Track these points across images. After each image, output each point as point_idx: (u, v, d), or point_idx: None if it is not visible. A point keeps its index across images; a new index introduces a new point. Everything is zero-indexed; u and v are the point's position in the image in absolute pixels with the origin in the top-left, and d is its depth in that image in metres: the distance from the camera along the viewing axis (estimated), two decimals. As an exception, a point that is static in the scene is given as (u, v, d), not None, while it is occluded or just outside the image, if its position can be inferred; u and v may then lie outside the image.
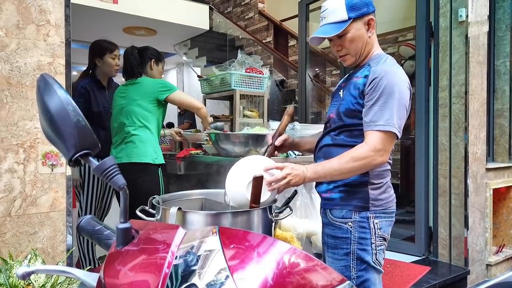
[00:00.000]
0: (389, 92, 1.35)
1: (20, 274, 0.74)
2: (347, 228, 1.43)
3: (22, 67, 1.66)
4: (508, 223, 3.55)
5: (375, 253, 1.42)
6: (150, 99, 2.42)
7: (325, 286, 0.65)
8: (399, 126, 1.35)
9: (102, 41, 2.78)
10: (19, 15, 1.65)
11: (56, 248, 1.74)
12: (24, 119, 1.67)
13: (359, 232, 1.42)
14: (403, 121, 1.38)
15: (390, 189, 1.49)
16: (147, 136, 2.42)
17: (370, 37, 1.48)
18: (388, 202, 1.47)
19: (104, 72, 2.77)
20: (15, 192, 1.65)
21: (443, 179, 3.05)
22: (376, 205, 1.43)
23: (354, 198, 1.44)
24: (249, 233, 0.72)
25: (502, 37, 3.64)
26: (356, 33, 1.45)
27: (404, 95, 1.38)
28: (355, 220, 1.42)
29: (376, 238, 1.42)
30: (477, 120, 3.06)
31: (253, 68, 3.27)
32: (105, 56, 2.71)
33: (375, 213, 1.43)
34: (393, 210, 1.49)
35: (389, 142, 1.35)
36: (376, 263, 1.43)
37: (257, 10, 7.30)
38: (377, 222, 1.42)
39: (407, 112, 1.39)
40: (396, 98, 1.35)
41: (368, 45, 1.49)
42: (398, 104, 1.35)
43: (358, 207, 1.43)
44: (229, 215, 1.29)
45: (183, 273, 0.65)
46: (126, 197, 0.76)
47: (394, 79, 1.37)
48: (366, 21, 1.46)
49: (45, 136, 0.79)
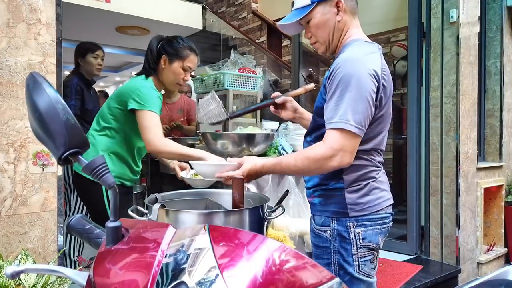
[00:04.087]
0: (345, 84, 1.19)
1: (9, 273, 0.73)
2: (326, 237, 1.32)
3: (13, 66, 1.65)
4: (498, 222, 3.59)
5: (357, 264, 1.29)
6: (118, 100, 1.91)
7: (315, 283, 0.65)
8: (357, 122, 1.17)
9: (85, 42, 3.01)
10: (9, 14, 1.64)
11: (47, 248, 1.73)
12: (14, 118, 1.65)
13: (338, 242, 1.29)
14: (365, 115, 1.19)
15: (377, 190, 1.31)
16: (99, 144, 1.94)
17: (339, 22, 1.33)
18: (374, 205, 1.30)
19: (86, 71, 2.95)
20: (5, 192, 1.63)
21: (435, 178, 3.08)
22: (356, 209, 1.28)
23: (331, 203, 1.31)
24: (239, 231, 0.72)
25: (493, 38, 3.68)
26: (322, 18, 1.33)
27: (365, 85, 1.19)
28: (334, 228, 1.30)
29: (358, 250, 1.28)
30: (468, 120, 3.09)
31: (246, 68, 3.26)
32: (86, 56, 2.91)
33: (356, 221, 1.28)
34: (383, 215, 1.32)
35: (347, 140, 1.17)
36: (361, 274, 1.30)
37: (251, 10, 7.31)
38: (359, 232, 1.28)
39: (371, 104, 1.20)
40: (353, 91, 1.18)
41: (338, 30, 1.35)
42: (356, 97, 1.18)
43: (336, 213, 1.30)
44: (221, 215, 1.29)
45: (173, 271, 0.65)
46: (115, 196, 0.76)
47: (352, 68, 1.21)
48: (334, 4, 1.32)
49: (34, 135, 0.78)
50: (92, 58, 2.92)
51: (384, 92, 1.26)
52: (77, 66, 2.94)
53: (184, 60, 1.90)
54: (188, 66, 1.91)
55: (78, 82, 2.83)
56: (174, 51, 1.90)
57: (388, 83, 1.29)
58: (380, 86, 1.23)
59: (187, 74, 1.92)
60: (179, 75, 1.91)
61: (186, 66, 1.90)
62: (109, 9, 5.30)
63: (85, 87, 2.88)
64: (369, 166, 1.31)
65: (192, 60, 1.92)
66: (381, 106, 1.27)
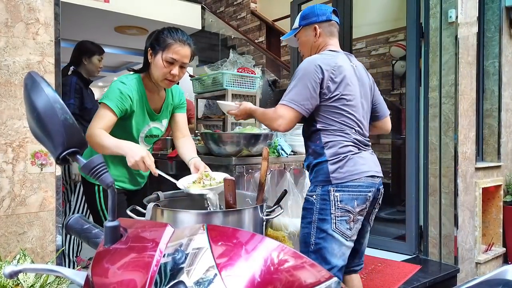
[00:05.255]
0: (296, 75, 1.66)
1: (7, 273, 0.73)
2: (312, 200, 1.66)
3: (11, 66, 1.64)
4: (497, 221, 3.59)
5: (334, 222, 1.59)
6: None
7: (313, 283, 0.65)
8: (293, 100, 1.61)
9: (90, 43, 2.99)
10: (8, 13, 1.64)
11: (46, 248, 1.73)
12: (12, 118, 1.65)
13: (320, 203, 1.62)
14: (303, 96, 1.60)
15: (351, 162, 1.63)
16: None
17: (315, 42, 1.80)
18: (352, 175, 1.61)
19: (88, 71, 2.94)
20: (3, 192, 1.63)
21: (433, 178, 3.08)
22: (337, 178, 1.61)
23: (319, 175, 1.66)
24: (237, 231, 0.72)
25: (491, 38, 3.69)
26: (304, 38, 1.83)
27: (308, 74, 1.62)
28: (318, 193, 1.64)
29: (336, 210, 1.59)
30: (467, 120, 3.09)
31: (245, 68, 3.27)
32: (93, 57, 2.91)
33: (336, 187, 1.60)
34: (360, 184, 1.62)
35: (285, 111, 1.61)
36: (337, 232, 1.59)
37: (250, 10, 7.31)
38: (338, 195, 1.60)
39: (310, 89, 1.60)
40: (298, 79, 1.63)
41: (314, 48, 1.81)
42: (299, 83, 1.62)
43: (321, 182, 1.64)
44: (220, 214, 1.29)
45: (171, 270, 0.65)
46: (114, 195, 0.76)
47: (303, 64, 1.66)
48: (313, 29, 1.79)
49: (33, 134, 0.78)
50: (97, 60, 2.94)
51: (332, 82, 1.64)
52: (77, 64, 2.93)
53: (165, 50, 1.62)
54: (171, 57, 1.62)
55: (77, 81, 2.82)
56: (156, 42, 1.66)
57: (338, 77, 1.64)
58: (325, 78, 1.62)
59: (173, 68, 1.64)
60: (162, 68, 1.64)
61: (169, 57, 1.62)
62: (107, 9, 5.29)
63: (83, 86, 2.88)
64: (345, 141, 1.65)
65: (176, 51, 1.63)
66: (331, 92, 1.64)
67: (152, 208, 1.30)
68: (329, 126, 1.66)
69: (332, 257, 1.59)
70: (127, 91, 1.65)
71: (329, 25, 1.79)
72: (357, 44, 5.13)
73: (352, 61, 1.79)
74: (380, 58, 5.03)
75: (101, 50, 2.99)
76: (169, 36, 1.65)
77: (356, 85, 1.72)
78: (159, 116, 1.83)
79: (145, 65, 1.73)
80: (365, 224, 1.76)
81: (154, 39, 1.68)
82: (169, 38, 1.64)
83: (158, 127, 1.85)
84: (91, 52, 2.91)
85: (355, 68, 1.76)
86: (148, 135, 1.82)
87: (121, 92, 1.64)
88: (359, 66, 1.81)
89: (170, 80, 1.68)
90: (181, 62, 1.66)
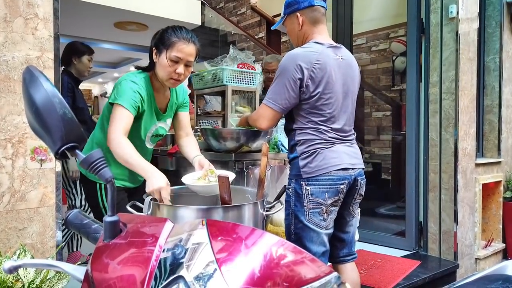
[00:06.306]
0: (277, 72, 1.68)
1: (7, 268, 0.73)
2: (289, 193, 1.73)
3: (10, 61, 1.64)
4: (496, 217, 3.60)
5: (307, 214, 1.67)
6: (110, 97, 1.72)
7: (313, 278, 0.65)
8: (272, 99, 1.68)
9: (79, 43, 3.07)
10: (6, 8, 1.63)
11: (46, 243, 1.73)
12: (12, 113, 1.65)
13: (295, 196, 1.70)
14: (282, 95, 1.65)
15: (320, 156, 1.67)
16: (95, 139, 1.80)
17: (300, 30, 1.76)
18: (321, 169, 1.66)
19: (78, 71, 2.98)
20: (3, 188, 1.63)
21: (433, 174, 3.08)
22: (307, 172, 1.67)
23: (293, 169, 1.74)
24: (237, 226, 0.72)
25: (492, 34, 3.68)
26: (290, 26, 1.81)
27: (286, 72, 1.64)
28: (293, 187, 1.71)
29: (308, 202, 1.66)
30: (467, 116, 3.09)
31: (245, 64, 3.25)
32: (83, 57, 2.97)
33: (307, 180, 1.67)
34: (330, 177, 1.66)
35: (265, 111, 1.71)
36: (311, 223, 1.67)
37: (249, 6, 7.28)
38: (308, 189, 1.66)
39: (288, 89, 1.64)
40: (278, 77, 1.67)
41: (300, 36, 1.79)
42: (278, 82, 1.66)
43: (294, 176, 1.72)
44: (220, 210, 1.29)
45: (170, 265, 0.65)
46: (113, 190, 0.76)
47: (283, 62, 1.67)
48: (296, 17, 1.75)
49: (31, 129, 0.78)
50: (87, 60, 2.99)
51: (312, 81, 1.64)
52: (67, 64, 2.96)
53: (169, 48, 1.60)
54: (175, 56, 1.59)
55: (69, 80, 2.86)
56: (160, 41, 1.64)
57: (319, 75, 1.64)
58: (305, 77, 1.63)
59: (178, 66, 1.62)
60: (166, 67, 1.61)
61: (173, 55, 1.59)
62: (107, 4, 5.27)
63: (75, 85, 2.91)
64: (317, 139, 1.69)
65: (180, 49, 1.60)
66: (310, 92, 1.65)
67: (152, 204, 1.30)
68: (304, 125, 1.70)
69: (312, 244, 1.68)
70: (139, 91, 1.63)
71: (311, 11, 1.73)
72: (358, 40, 5.12)
73: (338, 53, 1.72)
74: (381, 54, 5.01)
75: (91, 51, 3.03)
76: (173, 34, 1.62)
77: (338, 79, 1.69)
78: (165, 115, 1.81)
79: (151, 65, 1.71)
80: (346, 214, 1.79)
81: (159, 38, 1.66)
82: (173, 36, 1.61)
83: (163, 126, 1.83)
84: (81, 52, 2.96)
85: (341, 61, 1.72)
86: (154, 134, 1.81)
87: (134, 91, 1.61)
88: (346, 57, 1.75)
89: (175, 79, 1.66)
90: (186, 60, 1.63)
